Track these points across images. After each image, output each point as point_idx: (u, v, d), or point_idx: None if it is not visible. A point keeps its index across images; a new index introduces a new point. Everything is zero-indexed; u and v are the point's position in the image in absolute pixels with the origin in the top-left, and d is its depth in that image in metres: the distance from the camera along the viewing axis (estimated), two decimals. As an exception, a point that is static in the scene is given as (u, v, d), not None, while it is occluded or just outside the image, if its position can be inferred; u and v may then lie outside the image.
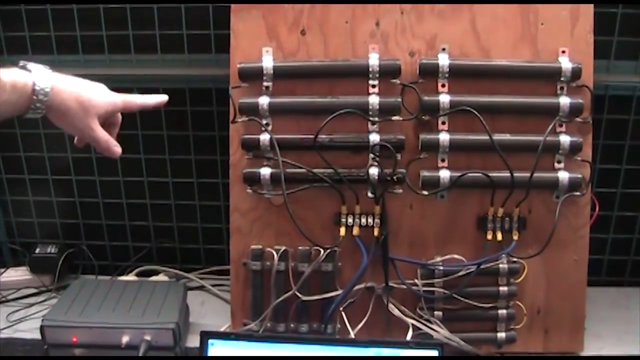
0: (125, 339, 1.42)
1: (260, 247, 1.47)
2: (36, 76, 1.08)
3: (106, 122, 1.19)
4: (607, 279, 1.75)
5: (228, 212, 1.50)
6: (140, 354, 1.40)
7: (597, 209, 1.47)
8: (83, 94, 1.13)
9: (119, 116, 1.22)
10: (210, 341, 1.11)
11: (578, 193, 1.43)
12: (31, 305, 1.70)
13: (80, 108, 1.12)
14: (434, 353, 1.08)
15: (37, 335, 1.47)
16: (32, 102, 1.07)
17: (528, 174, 1.38)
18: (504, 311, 1.47)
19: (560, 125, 1.42)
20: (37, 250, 1.79)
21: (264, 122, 1.43)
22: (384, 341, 1.10)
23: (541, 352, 1.49)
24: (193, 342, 1.52)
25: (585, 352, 1.50)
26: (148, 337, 1.42)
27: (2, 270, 1.81)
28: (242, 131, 1.45)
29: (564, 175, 1.42)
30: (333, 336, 1.43)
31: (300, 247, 1.46)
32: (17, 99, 1.06)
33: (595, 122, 1.45)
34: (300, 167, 1.41)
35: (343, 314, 1.45)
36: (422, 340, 1.40)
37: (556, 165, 1.44)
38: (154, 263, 1.82)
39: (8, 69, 1.06)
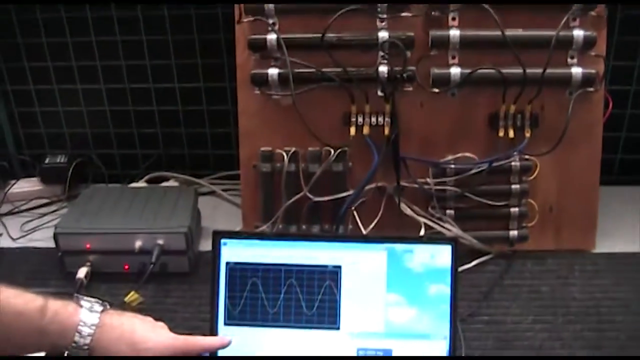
0: (138, 244, 1.43)
1: (269, 149, 1.46)
2: (85, 309, 0.98)
3: None
4: (620, 178, 1.74)
5: (236, 116, 1.48)
6: (153, 259, 1.41)
7: (610, 106, 1.44)
8: (136, 335, 0.99)
9: None
10: (222, 241, 1.10)
11: (592, 89, 1.40)
12: (43, 215, 1.71)
13: (131, 350, 0.98)
14: (448, 248, 1.07)
15: (50, 244, 1.48)
16: (74, 337, 0.95)
17: (541, 70, 1.35)
18: (516, 209, 1.46)
19: (574, 20, 1.38)
20: (47, 161, 1.79)
21: (271, 21, 1.40)
22: (397, 237, 1.09)
23: (553, 249, 1.50)
24: (205, 246, 1.53)
25: (597, 250, 1.50)
26: (161, 242, 1.42)
27: (13, 181, 1.81)
28: (248, 32, 1.42)
29: (577, 71, 1.39)
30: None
31: (310, 148, 1.45)
32: (58, 331, 0.95)
33: (610, 17, 1.41)
34: (309, 67, 1.39)
35: (355, 213, 1.45)
36: (436, 236, 1.40)
37: (569, 61, 1.40)
38: (164, 170, 1.81)
39: (60, 300, 0.97)
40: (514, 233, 1.47)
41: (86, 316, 0.96)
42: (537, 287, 1.41)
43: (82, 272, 1.44)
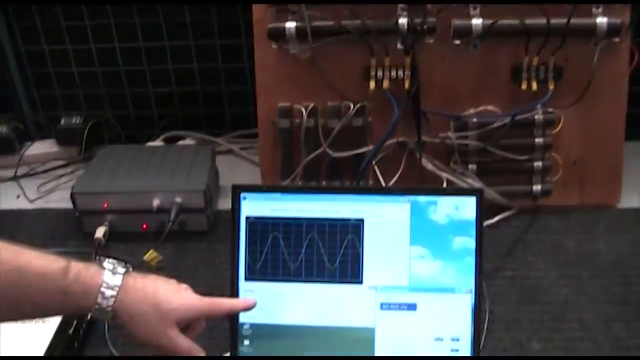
0: (156, 203, 1.42)
1: (288, 104, 1.44)
2: (107, 271, 0.95)
3: (187, 326, 1.00)
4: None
5: (253, 73, 1.46)
6: (172, 217, 1.39)
7: (636, 58, 1.41)
8: (160, 296, 0.96)
9: (203, 322, 1.03)
10: (242, 195, 1.08)
11: (617, 39, 1.37)
12: (60, 176, 1.70)
13: (155, 312, 0.95)
14: (472, 200, 1.05)
15: (68, 205, 1.47)
16: (97, 298, 0.93)
17: (565, 20, 1.32)
18: (540, 163, 1.44)
19: (599, -33, 1.35)
20: (62, 122, 1.77)
21: (287, -26, 1.37)
22: (421, 188, 1.06)
23: (577, 204, 1.48)
24: (224, 204, 1.52)
25: (622, 205, 1.48)
26: (179, 200, 1.41)
27: (29, 144, 1.79)
28: (264, -15, 1.39)
29: (602, 20, 1.35)
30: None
31: (329, 103, 1.43)
32: (82, 291, 0.92)
33: (636, -36, 1.38)
34: (327, 19, 1.36)
35: (376, 168, 1.42)
36: (460, 187, 1.38)
37: (594, 10, 1.36)
38: (180, 130, 1.79)
39: (82, 262, 0.94)
40: (537, 188, 1.45)
41: (109, 278, 0.94)
42: (562, 243, 1.39)
43: (100, 232, 1.43)
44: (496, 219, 1.43)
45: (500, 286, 1.28)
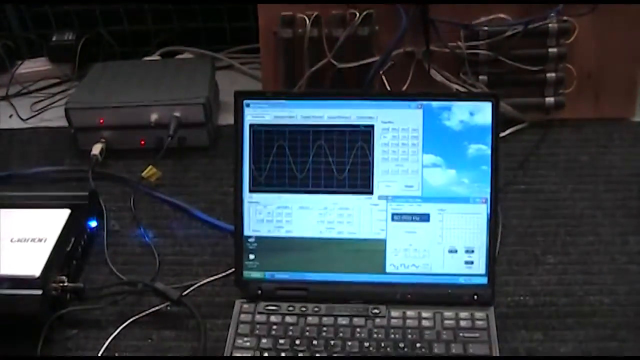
0: (154, 117, 1.38)
1: (290, 13, 1.37)
2: None
3: None
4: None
5: (254, -17, 1.39)
6: (171, 132, 1.35)
7: (655, -36, 1.35)
8: None
9: None
10: (245, 102, 1.02)
11: (636, -59, 1.31)
12: (54, 94, 1.65)
13: None
14: (488, 105, 0.99)
15: (63, 123, 1.44)
16: None
17: None
18: (553, 74, 1.39)
19: None
20: (54, 39, 1.71)
21: None
22: (434, 93, 1.01)
23: (591, 117, 1.43)
24: (225, 119, 1.47)
25: (638, 118, 1.44)
26: (178, 114, 1.37)
27: (20, 62, 1.73)
28: None
29: None
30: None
31: (333, 12, 1.36)
32: None
33: None
34: None
35: (383, 79, 1.36)
36: (475, 92, 1.33)
37: None
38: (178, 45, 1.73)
39: None
40: (550, 100, 1.40)
41: None
42: (576, 156, 1.35)
43: (96, 149, 1.39)
44: (508, 132, 1.39)
45: (513, 200, 1.25)
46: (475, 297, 1.00)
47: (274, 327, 1.00)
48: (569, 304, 1.05)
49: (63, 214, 1.16)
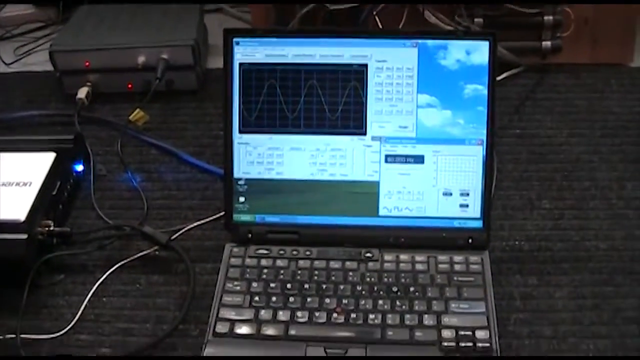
0: (141, 59, 1.34)
1: (281, -47, 1.34)
2: None
3: None
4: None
5: None
6: (158, 75, 1.32)
7: None
8: None
9: None
10: (235, 39, 0.99)
11: None
12: (37, 39, 1.60)
13: None
14: (485, 44, 0.96)
15: (47, 67, 1.41)
16: None
17: None
18: (550, 17, 1.36)
19: None
20: (38, -20, 1.66)
21: None
22: (429, 31, 0.98)
23: (588, 62, 1.40)
24: (213, 63, 1.44)
25: (636, 64, 1.41)
26: (165, 56, 1.34)
27: (2, 6, 1.68)
28: None
29: None
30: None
31: (325, -49, 1.32)
32: None
33: None
34: None
35: (377, 19, 1.33)
36: (472, 30, 1.29)
37: None
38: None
39: None
40: (547, 44, 1.37)
41: None
42: (572, 101, 1.33)
43: (82, 93, 1.36)
44: (503, 75, 1.36)
45: (508, 144, 1.23)
46: (470, 240, 0.99)
47: (265, 271, 0.98)
48: (565, 249, 1.04)
49: (48, 158, 1.13)
